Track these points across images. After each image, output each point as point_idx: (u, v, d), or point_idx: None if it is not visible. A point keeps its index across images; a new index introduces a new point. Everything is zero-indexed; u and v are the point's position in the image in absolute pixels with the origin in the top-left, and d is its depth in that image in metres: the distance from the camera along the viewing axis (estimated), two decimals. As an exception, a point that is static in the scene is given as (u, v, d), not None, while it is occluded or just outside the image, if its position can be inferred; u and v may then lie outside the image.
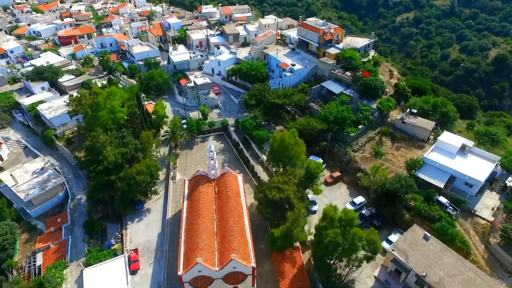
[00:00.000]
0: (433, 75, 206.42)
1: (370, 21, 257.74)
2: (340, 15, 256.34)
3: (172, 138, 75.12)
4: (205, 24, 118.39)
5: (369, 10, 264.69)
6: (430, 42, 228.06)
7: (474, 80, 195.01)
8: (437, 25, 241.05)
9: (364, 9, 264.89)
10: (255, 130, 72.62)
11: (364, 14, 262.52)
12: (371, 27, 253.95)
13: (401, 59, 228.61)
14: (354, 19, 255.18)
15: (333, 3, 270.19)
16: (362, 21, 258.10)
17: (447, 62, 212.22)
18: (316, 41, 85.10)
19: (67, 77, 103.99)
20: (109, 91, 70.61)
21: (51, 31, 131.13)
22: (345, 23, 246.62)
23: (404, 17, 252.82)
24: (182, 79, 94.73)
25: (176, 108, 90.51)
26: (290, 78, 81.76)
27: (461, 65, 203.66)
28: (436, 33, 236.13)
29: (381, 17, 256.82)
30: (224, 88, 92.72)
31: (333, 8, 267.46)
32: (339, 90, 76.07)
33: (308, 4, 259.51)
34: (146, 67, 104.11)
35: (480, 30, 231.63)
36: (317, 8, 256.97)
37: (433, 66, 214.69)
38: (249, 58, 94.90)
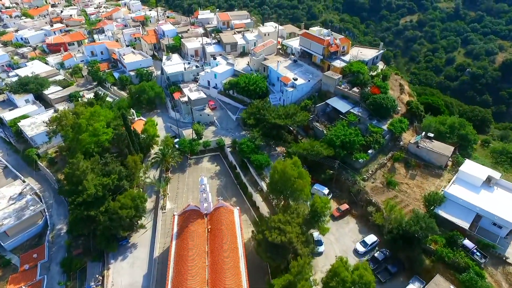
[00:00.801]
0: (438, 80, 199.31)
1: (372, 24, 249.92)
2: (342, 18, 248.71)
3: (162, 161, 67.77)
4: (201, 31, 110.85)
5: (372, 13, 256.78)
6: (434, 46, 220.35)
7: (480, 86, 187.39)
8: (442, 28, 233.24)
9: (367, 12, 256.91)
10: (254, 154, 65.27)
11: (366, 17, 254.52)
12: (373, 30, 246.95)
13: (405, 63, 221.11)
14: (356, 21, 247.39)
15: (334, 6, 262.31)
16: (364, 24, 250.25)
17: (452, 67, 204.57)
18: (320, 53, 77.64)
19: (54, 88, 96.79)
20: (92, 111, 63.25)
21: (40, 38, 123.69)
22: (347, 26, 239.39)
23: (407, 19, 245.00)
24: (176, 92, 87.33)
25: (169, 124, 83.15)
26: (292, 94, 74.38)
27: (467, 70, 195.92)
28: (441, 36, 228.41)
29: (384, 19, 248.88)
30: (221, 102, 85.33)
31: (335, 11, 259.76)
32: (346, 109, 68.66)
33: (309, 6, 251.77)
34: (138, 78, 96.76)
35: (486, 34, 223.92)
36: (318, 11, 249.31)
37: (438, 71, 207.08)
38: (248, 70, 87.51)
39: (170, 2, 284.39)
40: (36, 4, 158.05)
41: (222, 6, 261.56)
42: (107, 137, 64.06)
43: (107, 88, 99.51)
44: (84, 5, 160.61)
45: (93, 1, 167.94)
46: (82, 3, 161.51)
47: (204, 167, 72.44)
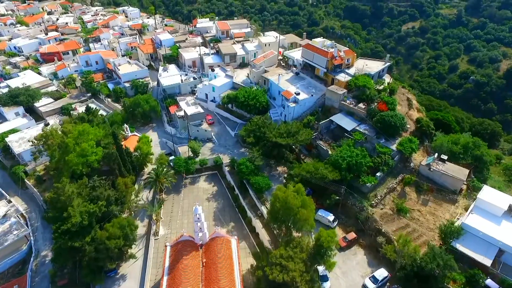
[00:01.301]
0: (441, 88, 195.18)
1: (374, 31, 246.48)
2: (343, 24, 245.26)
3: (156, 182, 63.15)
4: (199, 41, 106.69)
5: (373, 19, 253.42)
6: (437, 52, 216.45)
7: (485, 94, 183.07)
8: (444, 35, 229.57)
9: (368, 18, 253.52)
10: (253, 175, 60.68)
11: (368, 23, 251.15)
12: (375, 37, 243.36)
13: (407, 71, 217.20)
14: (357, 28, 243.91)
15: (335, 12, 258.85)
16: (366, 30, 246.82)
17: (456, 75, 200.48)
18: (324, 66, 73.28)
19: (45, 100, 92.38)
20: (80, 130, 58.73)
21: (34, 47, 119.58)
22: (348, 33, 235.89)
23: (409, 26, 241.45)
24: (172, 105, 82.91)
25: (164, 140, 78.62)
26: (294, 109, 69.92)
27: (471, 78, 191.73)
28: (443, 43, 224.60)
29: (386, 26, 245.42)
30: (219, 116, 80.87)
31: (336, 17, 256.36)
32: (352, 126, 64.12)
33: (310, 13, 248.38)
34: (133, 89, 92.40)
35: (489, 41, 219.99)
36: (319, 17, 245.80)
37: (441, 78, 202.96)
38: (247, 82, 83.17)
39: (170, 8, 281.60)
40: (32, 11, 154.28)
41: (222, 13, 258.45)
42: (96, 157, 59.54)
43: (101, 100, 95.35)
44: (81, 12, 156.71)
45: (90, 8, 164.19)
46: (79, 11, 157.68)
47: (200, 187, 67.85)
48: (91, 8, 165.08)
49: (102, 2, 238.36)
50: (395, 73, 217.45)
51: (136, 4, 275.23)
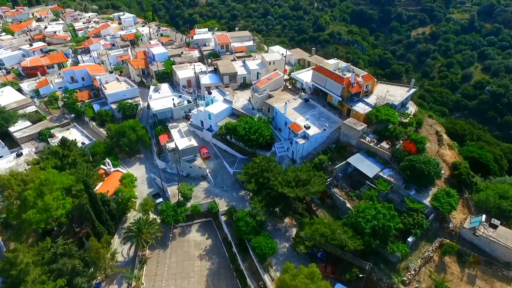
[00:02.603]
0: (455, 99, 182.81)
1: (382, 36, 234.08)
2: (350, 30, 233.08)
3: (138, 236, 51.88)
4: (196, 55, 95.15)
5: (381, 24, 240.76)
6: (449, 60, 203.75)
7: (502, 106, 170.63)
8: (456, 41, 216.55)
9: (376, 23, 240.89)
10: (255, 234, 49.32)
11: (375, 28, 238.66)
12: (383, 43, 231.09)
13: (418, 79, 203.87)
14: (365, 33, 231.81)
15: (342, 16, 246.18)
16: (374, 36, 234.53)
17: (470, 84, 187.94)
18: (339, 94, 61.59)
19: (22, 124, 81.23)
20: (43, 179, 47.35)
21: (17, 59, 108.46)
22: (355, 38, 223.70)
23: (419, 32, 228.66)
24: (163, 134, 71.52)
25: (153, 176, 67.32)
26: (303, 146, 58.33)
27: (487, 88, 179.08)
28: (455, 50, 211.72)
29: (394, 31, 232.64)
30: (216, 149, 69.42)
31: (342, 22, 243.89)
32: (374, 172, 52.51)
33: (315, 17, 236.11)
34: (121, 112, 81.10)
35: (504, 48, 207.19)
36: (325, 21, 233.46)
37: (454, 88, 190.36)
38: (249, 108, 71.65)
39: (171, 11, 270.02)
40: (20, 18, 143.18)
41: (224, 16, 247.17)
42: (62, 211, 48.23)
43: (86, 123, 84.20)
44: (73, 19, 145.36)
45: (83, 14, 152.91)
46: (70, 17, 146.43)
47: (192, 239, 56.58)
48: (84, 14, 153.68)
49: (99, 6, 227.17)
50: (405, 82, 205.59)
51: (136, 8, 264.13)
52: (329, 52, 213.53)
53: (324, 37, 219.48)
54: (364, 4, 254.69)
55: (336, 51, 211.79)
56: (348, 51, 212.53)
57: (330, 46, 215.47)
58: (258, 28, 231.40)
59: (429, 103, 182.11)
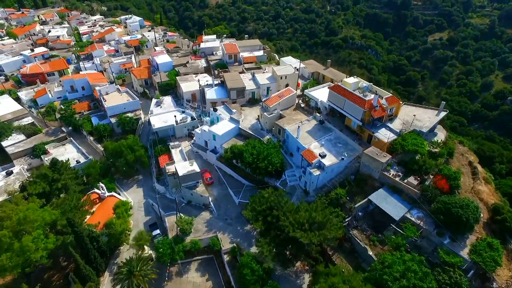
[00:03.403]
0: (474, 108, 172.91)
1: (397, 41, 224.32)
2: (363, 34, 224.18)
3: (129, 279, 45.62)
4: (203, 65, 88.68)
5: (396, 29, 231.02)
6: (468, 67, 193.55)
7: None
8: (475, 48, 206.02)
9: (390, 28, 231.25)
10: (262, 284, 42.60)
11: (390, 33, 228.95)
12: (398, 48, 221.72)
13: (434, 87, 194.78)
14: (379, 38, 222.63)
15: (355, 20, 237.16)
16: (388, 41, 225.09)
17: (490, 94, 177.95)
18: (359, 118, 54.34)
19: (16, 137, 75.96)
20: (22, 217, 41.41)
21: (17, 65, 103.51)
22: (369, 43, 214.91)
23: (436, 37, 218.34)
24: (163, 155, 65.24)
25: (150, 202, 61.04)
26: (317, 178, 51.30)
27: (509, 98, 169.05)
28: (475, 57, 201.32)
29: (410, 36, 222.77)
30: (220, 173, 62.81)
31: (356, 26, 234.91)
32: (400, 214, 45.29)
33: (328, 21, 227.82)
34: (120, 127, 75.18)
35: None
36: (338, 25, 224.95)
37: (473, 97, 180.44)
38: (257, 128, 64.90)
39: (181, 13, 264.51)
40: (25, 21, 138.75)
41: (234, 19, 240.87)
42: (43, 253, 42.23)
43: (84, 137, 78.59)
44: (78, 22, 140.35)
45: (89, 18, 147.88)
46: (76, 20, 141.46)
47: (190, 280, 50.15)
48: (90, 17, 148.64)
49: (108, 7, 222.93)
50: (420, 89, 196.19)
51: (145, 9, 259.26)
52: (342, 57, 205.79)
53: (336, 42, 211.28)
54: (379, 7, 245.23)
55: (349, 56, 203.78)
56: (361, 57, 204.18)
57: (343, 51, 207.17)
58: (268, 31, 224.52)
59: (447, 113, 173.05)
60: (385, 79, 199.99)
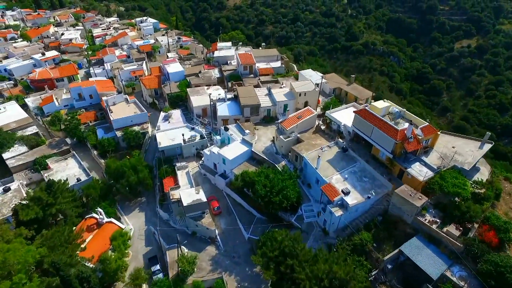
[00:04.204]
0: (504, 122, 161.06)
1: (421, 48, 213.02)
2: (385, 39, 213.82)
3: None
4: (216, 75, 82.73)
5: (421, 34, 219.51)
6: (498, 78, 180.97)
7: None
8: (506, 57, 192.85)
9: (414, 33, 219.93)
10: None
11: (414, 39, 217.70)
12: (422, 55, 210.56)
13: (461, 97, 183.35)
14: (402, 44, 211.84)
15: (377, 24, 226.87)
16: (412, 47, 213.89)
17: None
18: (389, 150, 47.03)
19: (18, 149, 71.83)
20: (1, 260, 36.22)
21: (27, 69, 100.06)
22: (391, 49, 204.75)
23: (464, 44, 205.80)
24: (168, 177, 59.58)
25: (152, 229, 55.40)
26: (339, 219, 44.41)
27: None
28: (506, 66, 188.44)
29: (435, 43, 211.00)
30: (229, 200, 56.61)
31: (378, 30, 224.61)
32: (438, 272, 37.95)
33: (348, 25, 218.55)
34: (125, 141, 70.08)
35: None
36: (359, 30, 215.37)
37: (503, 110, 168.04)
38: (272, 151, 58.33)
39: (198, 14, 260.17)
40: (40, 22, 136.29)
41: (251, 21, 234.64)
42: (25, 300, 36.98)
43: (89, 150, 73.97)
44: (93, 24, 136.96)
45: (104, 20, 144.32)
46: (91, 22, 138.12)
47: (191, 330, 44.22)
48: (105, 19, 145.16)
49: (126, 8, 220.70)
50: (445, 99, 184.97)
51: (163, 9, 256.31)
52: (362, 64, 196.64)
53: (357, 47, 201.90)
54: (402, 11, 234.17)
55: (370, 63, 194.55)
56: (382, 63, 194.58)
57: (364, 58, 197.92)
58: (286, 35, 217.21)
59: (473, 126, 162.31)
60: (408, 87, 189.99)
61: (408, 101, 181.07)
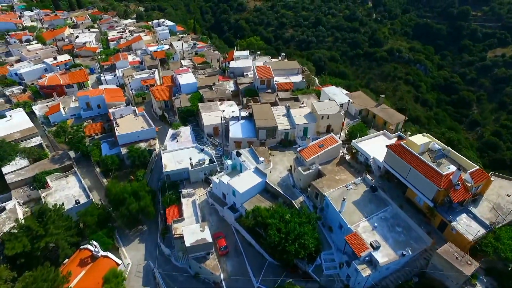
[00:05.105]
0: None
1: (450, 56, 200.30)
2: (412, 46, 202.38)
3: None
4: (230, 88, 76.20)
5: (450, 42, 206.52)
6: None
7: None
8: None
9: (443, 40, 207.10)
10: None
11: (442, 46, 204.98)
12: (450, 63, 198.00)
13: (492, 111, 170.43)
14: (429, 51, 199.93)
15: (403, 30, 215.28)
16: (440, 55, 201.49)
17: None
18: (430, 197, 39.08)
19: (18, 162, 67.38)
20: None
21: (38, 74, 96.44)
22: (418, 57, 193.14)
23: (497, 53, 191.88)
24: (172, 206, 53.50)
25: (151, 265, 49.30)
26: (367, 279, 36.89)
27: None
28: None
29: (466, 51, 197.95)
30: (237, 237, 49.88)
31: (403, 36, 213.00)
32: None
33: (373, 30, 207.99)
34: (130, 160, 64.53)
35: None
36: (384, 36, 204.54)
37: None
38: (289, 184, 51.21)
39: (218, 15, 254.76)
40: (57, 23, 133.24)
41: (271, 24, 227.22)
42: None
43: (93, 165, 68.86)
44: (109, 26, 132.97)
45: (120, 22, 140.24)
46: (107, 24, 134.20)
47: None
48: (122, 21, 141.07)
49: (145, 8, 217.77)
50: (475, 112, 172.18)
51: (183, 10, 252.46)
52: (386, 71, 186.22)
53: (381, 54, 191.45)
54: (431, 17, 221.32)
55: (394, 71, 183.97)
56: (408, 72, 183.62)
57: (388, 65, 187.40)
58: (307, 39, 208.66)
59: (506, 142, 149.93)
60: (434, 98, 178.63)
61: (434, 113, 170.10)
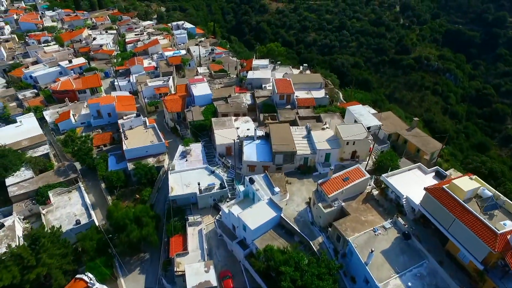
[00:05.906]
0: None
1: (483, 65, 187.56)
2: (441, 54, 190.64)
3: None
4: (247, 101, 70.65)
5: (484, 50, 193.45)
6: None
7: None
8: None
9: (476, 48, 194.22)
10: None
11: (475, 54, 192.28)
12: (483, 74, 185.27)
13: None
14: (461, 60, 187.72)
15: (432, 37, 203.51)
16: (472, 64, 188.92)
17: None
18: (479, 259, 32.13)
19: (23, 174, 64.23)
20: None
21: (53, 77, 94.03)
22: (447, 66, 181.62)
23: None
24: (176, 235, 48.49)
25: (151, 302, 44.58)
26: None
27: None
28: None
29: (501, 61, 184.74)
30: (246, 276, 44.22)
31: (432, 43, 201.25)
32: None
33: (400, 36, 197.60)
34: (136, 177, 60.08)
35: None
36: (411, 42, 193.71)
37: None
38: (306, 220, 45.11)
39: (239, 17, 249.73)
40: (76, 24, 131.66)
41: (293, 27, 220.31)
42: None
43: (97, 180, 64.92)
44: (127, 27, 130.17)
45: (139, 23, 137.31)
46: (126, 26, 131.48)
47: None
48: (141, 23, 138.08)
49: (167, 8, 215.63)
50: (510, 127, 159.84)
51: (205, 10, 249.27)
52: (412, 80, 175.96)
53: (408, 62, 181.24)
54: (463, 23, 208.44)
55: (422, 80, 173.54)
56: (436, 81, 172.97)
57: (415, 74, 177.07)
58: (330, 43, 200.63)
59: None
60: (464, 110, 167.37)
61: (464, 126, 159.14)
